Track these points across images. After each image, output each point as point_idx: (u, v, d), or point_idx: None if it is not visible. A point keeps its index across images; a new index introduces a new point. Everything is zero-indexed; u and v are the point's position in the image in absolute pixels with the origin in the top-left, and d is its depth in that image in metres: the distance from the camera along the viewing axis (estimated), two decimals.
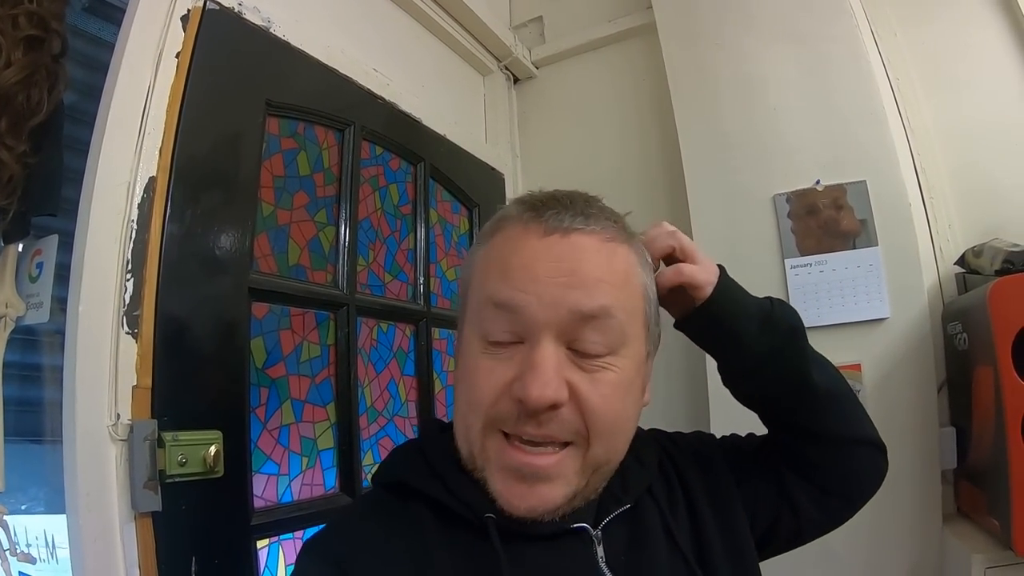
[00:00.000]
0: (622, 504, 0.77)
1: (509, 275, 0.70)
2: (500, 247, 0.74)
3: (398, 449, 0.86)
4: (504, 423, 0.69)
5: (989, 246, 1.59)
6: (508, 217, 0.76)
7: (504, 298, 0.69)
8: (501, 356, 0.70)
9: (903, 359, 1.66)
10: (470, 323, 0.74)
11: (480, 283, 0.74)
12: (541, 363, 0.67)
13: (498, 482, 0.70)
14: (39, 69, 1.00)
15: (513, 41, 2.30)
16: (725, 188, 1.89)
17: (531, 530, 0.71)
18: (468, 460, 0.73)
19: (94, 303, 1.00)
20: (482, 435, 0.70)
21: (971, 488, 1.54)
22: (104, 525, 0.96)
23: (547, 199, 0.75)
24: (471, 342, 0.73)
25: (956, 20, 1.88)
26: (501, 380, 0.69)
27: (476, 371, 0.71)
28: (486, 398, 0.69)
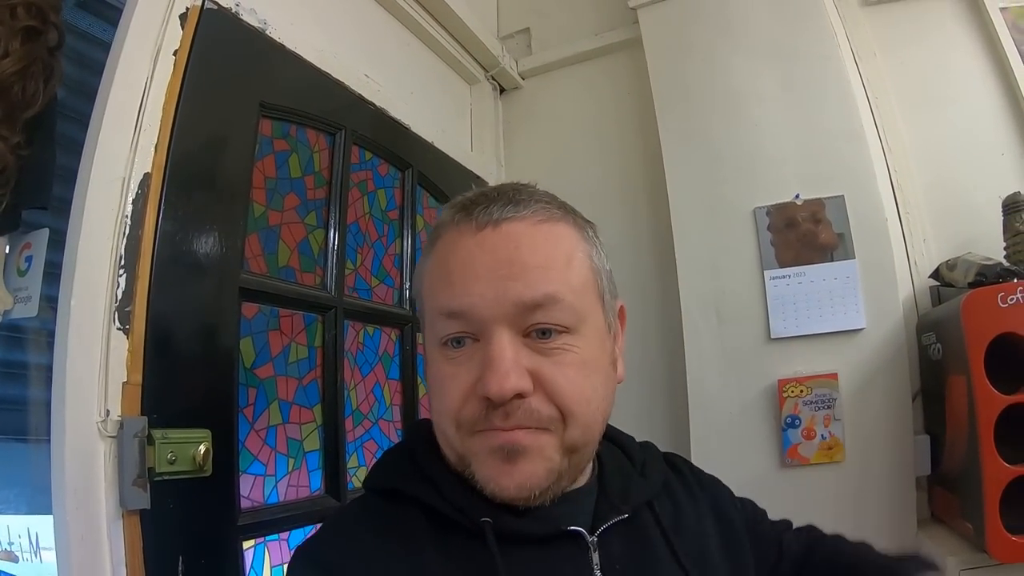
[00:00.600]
0: (620, 512, 0.76)
1: (451, 281, 0.70)
2: (439, 254, 0.74)
3: (388, 453, 0.85)
4: (475, 424, 0.69)
5: (963, 259, 1.64)
6: (444, 224, 0.76)
7: (453, 307, 0.69)
8: (460, 360, 0.70)
9: (879, 369, 1.71)
10: (428, 334, 0.75)
11: (429, 295, 0.74)
12: (497, 356, 0.66)
13: (485, 468, 0.69)
14: (36, 61, 0.99)
15: (500, 51, 2.33)
16: (707, 200, 1.93)
17: (527, 531, 0.70)
18: (457, 462, 0.72)
19: (86, 298, 0.99)
20: (459, 438, 0.70)
21: (945, 493, 1.58)
22: (91, 522, 0.95)
23: (476, 196, 0.75)
24: (432, 352, 0.74)
25: (934, 42, 1.95)
26: (464, 384, 0.69)
27: (441, 379, 0.71)
28: (454, 403, 0.69)
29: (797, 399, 1.73)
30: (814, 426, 1.72)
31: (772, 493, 1.70)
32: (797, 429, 1.73)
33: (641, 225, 2.12)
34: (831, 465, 1.70)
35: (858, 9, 2.01)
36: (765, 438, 1.77)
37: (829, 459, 1.70)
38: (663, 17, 2.09)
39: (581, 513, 0.74)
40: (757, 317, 1.83)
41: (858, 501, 1.67)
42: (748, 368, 1.82)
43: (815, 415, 1.72)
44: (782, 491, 1.73)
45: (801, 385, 1.74)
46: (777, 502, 1.67)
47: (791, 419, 1.73)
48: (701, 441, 1.81)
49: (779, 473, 1.75)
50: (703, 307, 1.88)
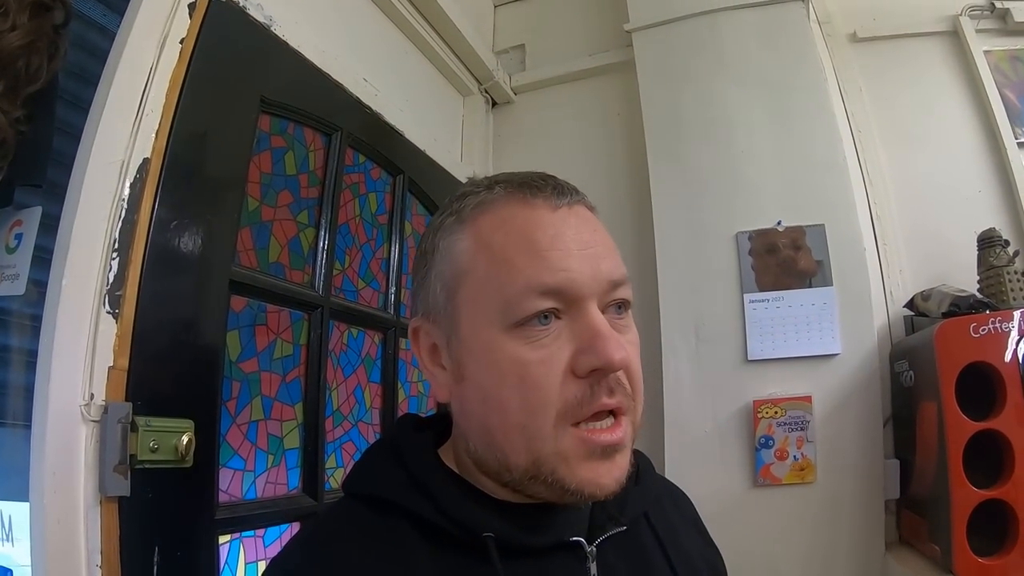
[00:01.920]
0: (618, 524, 0.72)
1: (542, 256, 0.64)
2: (509, 228, 0.67)
3: (371, 453, 0.77)
4: (580, 407, 0.63)
5: (937, 291, 1.69)
6: (495, 199, 0.69)
7: (550, 282, 0.63)
8: (546, 341, 0.63)
9: (852, 393, 1.75)
10: (488, 318, 0.65)
11: (499, 273, 0.65)
12: (603, 327, 0.64)
13: (583, 471, 0.63)
14: (42, 37, 0.98)
15: (495, 65, 2.36)
16: (691, 223, 1.97)
17: (530, 543, 0.66)
18: (527, 467, 0.64)
19: (77, 279, 0.98)
20: (555, 435, 0.63)
21: (913, 517, 1.61)
22: (69, 506, 0.93)
23: (526, 177, 0.71)
24: (495, 339, 0.64)
25: (918, 80, 2.03)
26: (560, 364, 0.63)
27: (524, 366, 0.63)
28: (552, 389, 0.62)
29: (771, 420, 1.76)
30: (787, 447, 1.74)
31: (744, 512, 1.75)
32: (770, 450, 1.75)
33: (625, 245, 2.13)
34: (802, 486, 1.73)
35: (847, 45, 2.08)
36: (739, 457, 1.80)
37: (801, 480, 1.73)
38: (657, 42, 2.14)
39: (579, 520, 0.71)
40: (735, 339, 1.86)
41: (828, 522, 1.70)
42: (724, 388, 1.85)
43: (788, 436, 1.75)
44: (754, 510, 1.76)
45: (776, 407, 1.77)
46: (749, 521, 1.73)
47: (765, 439, 1.76)
48: (675, 458, 1.83)
49: (751, 492, 1.77)
50: (682, 327, 1.90)
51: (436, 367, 0.72)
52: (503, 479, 0.67)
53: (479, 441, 0.68)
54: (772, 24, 2.00)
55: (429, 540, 0.66)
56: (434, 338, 0.72)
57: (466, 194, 0.72)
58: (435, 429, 0.77)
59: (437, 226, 0.73)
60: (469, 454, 0.70)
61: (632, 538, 0.74)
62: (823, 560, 1.69)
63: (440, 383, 0.72)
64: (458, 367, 0.68)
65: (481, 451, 0.68)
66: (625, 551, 0.73)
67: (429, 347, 0.73)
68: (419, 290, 0.74)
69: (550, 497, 0.66)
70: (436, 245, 0.72)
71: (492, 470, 0.68)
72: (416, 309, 0.75)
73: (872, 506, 1.69)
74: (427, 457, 0.72)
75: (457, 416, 0.71)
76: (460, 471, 0.72)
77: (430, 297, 0.71)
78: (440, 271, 0.70)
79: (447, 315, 0.69)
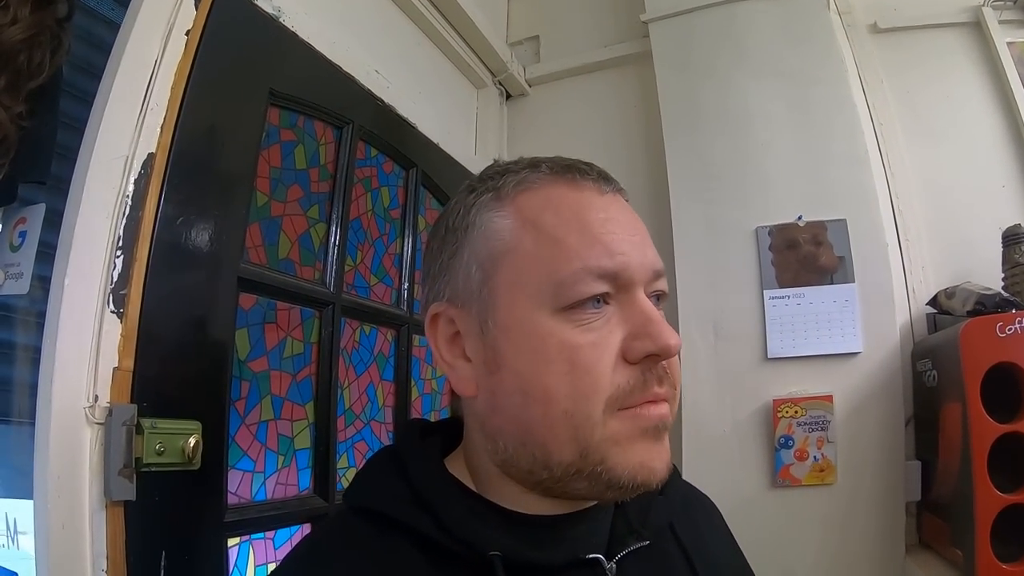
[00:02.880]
0: (640, 538, 0.68)
1: (597, 238, 0.62)
2: (559, 208, 0.64)
3: (373, 463, 0.74)
4: (631, 394, 0.60)
5: (962, 288, 1.65)
6: (539, 179, 0.66)
7: (607, 265, 0.61)
8: (597, 325, 0.61)
9: (873, 393, 1.72)
10: (527, 302, 0.62)
11: (550, 251, 0.62)
12: (655, 312, 0.62)
13: (636, 454, 0.60)
14: (44, 30, 0.96)
15: (509, 57, 2.33)
16: (709, 218, 1.94)
17: (543, 561, 0.62)
18: (573, 461, 0.60)
19: (81, 278, 0.96)
20: (604, 420, 0.59)
21: (934, 520, 1.58)
22: (73, 511, 0.91)
23: (569, 160, 0.68)
24: (543, 323, 0.61)
25: (941, 72, 1.98)
26: (612, 349, 0.60)
27: (576, 350, 0.60)
28: (604, 374, 0.59)
29: (791, 420, 1.73)
30: (807, 447, 1.71)
31: (762, 513, 1.72)
32: (790, 450, 1.73)
33: None
34: (822, 487, 1.71)
35: (868, 36, 2.03)
36: (758, 458, 1.77)
37: (820, 481, 1.70)
38: (674, 33, 2.10)
39: (597, 534, 0.68)
40: (755, 336, 1.84)
41: (847, 524, 1.68)
42: (743, 387, 1.82)
43: (808, 436, 1.72)
44: (772, 511, 1.73)
45: (796, 406, 1.73)
46: (767, 522, 1.70)
47: (784, 439, 1.73)
48: (693, 458, 1.81)
49: (770, 493, 1.75)
50: (701, 324, 1.87)
51: (458, 358, 0.67)
52: (537, 479, 0.63)
53: (513, 438, 0.63)
54: (791, 14, 1.96)
55: (430, 559, 0.62)
56: (459, 325, 0.67)
57: (503, 172, 0.68)
58: (443, 435, 0.74)
59: (471, 203, 0.67)
60: (494, 456, 0.65)
61: (656, 552, 0.70)
62: (842, 563, 1.66)
63: (464, 376, 0.66)
64: (493, 355, 0.63)
65: (514, 450, 0.63)
66: (648, 567, 0.69)
67: (449, 336, 0.68)
68: (442, 272, 0.68)
69: (590, 494, 0.63)
70: (471, 222, 0.66)
71: (524, 471, 0.63)
72: (437, 293, 0.69)
73: (893, 508, 1.66)
74: (431, 467, 0.68)
75: (485, 413, 0.66)
76: (473, 480, 0.69)
77: (459, 279, 0.66)
78: (476, 249, 0.65)
79: (481, 298, 0.64)
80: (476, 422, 0.68)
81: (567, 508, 0.66)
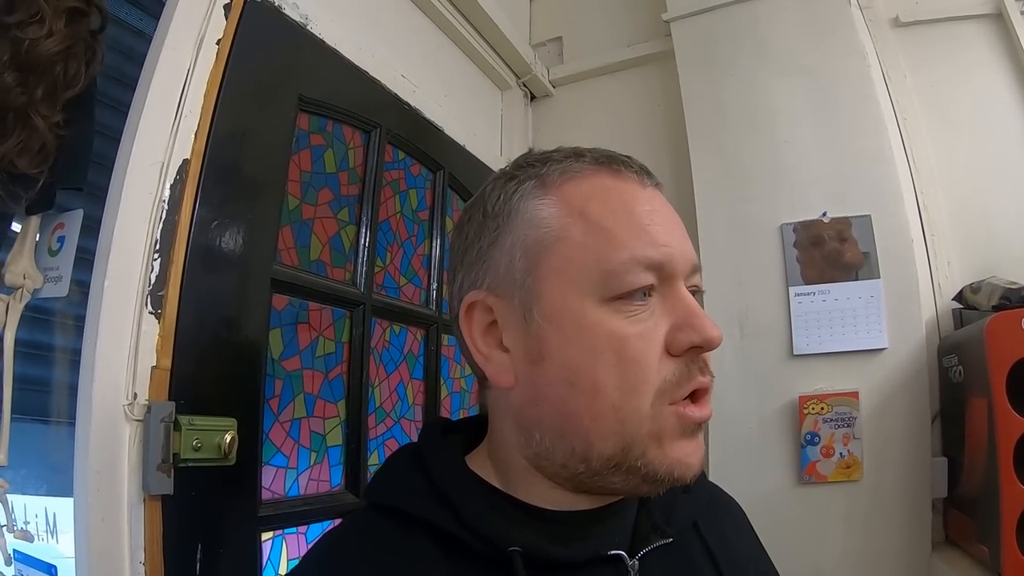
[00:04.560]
0: (664, 535, 0.67)
1: (644, 229, 0.62)
2: (606, 198, 0.64)
3: (393, 461, 0.73)
4: (675, 387, 0.60)
5: (987, 283, 1.64)
6: (583, 169, 0.65)
7: (654, 256, 0.61)
8: (643, 317, 0.61)
9: (899, 389, 1.71)
10: (574, 290, 0.61)
11: (600, 241, 0.62)
12: (696, 305, 0.62)
13: (675, 449, 0.60)
14: (79, 42, 0.99)
15: (533, 59, 2.34)
16: (734, 215, 1.94)
17: (563, 558, 0.62)
18: (607, 458, 0.60)
19: (119, 280, 1.00)
20: (652, 414, 0.59)
21: (961, 517, 1.57)
22: (113, 504, 0.94)
23: (610, 152, 0.68)
24: (589, 312, 0.61)
25: (964, 66, 1.95)
26: (658, 341, 0.60)
27: (624, 340, 0.59)
28: (652, 366, 0.60)
29: (817, 416, 1.73)
30: (833, 444, 1.71)
31: (789, 510, 1.72)
32: (816, 446, 1.72)
33: None
34: (849, 484, 1.70)
35: (889, 30, 2.01)
36: (783, 454, 1.77)
37: (847, 477, 1.69)
38: (696, 31, 2.10)
39: (620, 531, 0.67)
40: (780, 333, 1.83)
41: (874, 520, 1.67)
42: (769, 384, 1.82)
43: (834, 433, 1.71)
44: (799, 508, 1.73)
45: (822, 403, 1.73)
46: (793, 519, 1.70)
47: (810, 436, 1.73)
48: (719, 455, 1.81)
49: (796, 490, 1.74)
50: (726, 321, 1.87)
51: (494, 348, 0.66)
52: (572, 473, 0.62)
53: (552, 430, 0.62)
54: (813, 10, 1.95)
55: (449, 555, 0.62)
56: (497, 314, 0.65)
57: (544, 160, 0.68)
58: (466, 433, 0.74)
59: (511, 190, 0.66)
60: (526, 450, 0.65)
61: (679, 550, 0.69)
62: (868, 560, 1.65)
63: (501, 367, 0.65)
64: (536, 345, 0.62)
65: (551, 442, 0.62)
66: (671, 565, 0.68)
67: (485, 326, 0.66)
68: (480, 259, 0.67)
69: (624, 489, 0.63)
70: (514, 208, 0.65)
71: (558, 464, 0.63)
72: (473, 281, 0.67)
73: (919, 505, 1.65)
74: (452, 464, 0.68)
75: (522, 404, 0.64)
76: (498, 475, 0.68)
77: (500, 267, 0.65)
78: (519, 236, 0.64)
79: (525, 286, 0.63)
80: (509, 414, 0.67)
81: (592, 504, 0.66)
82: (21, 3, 0.93)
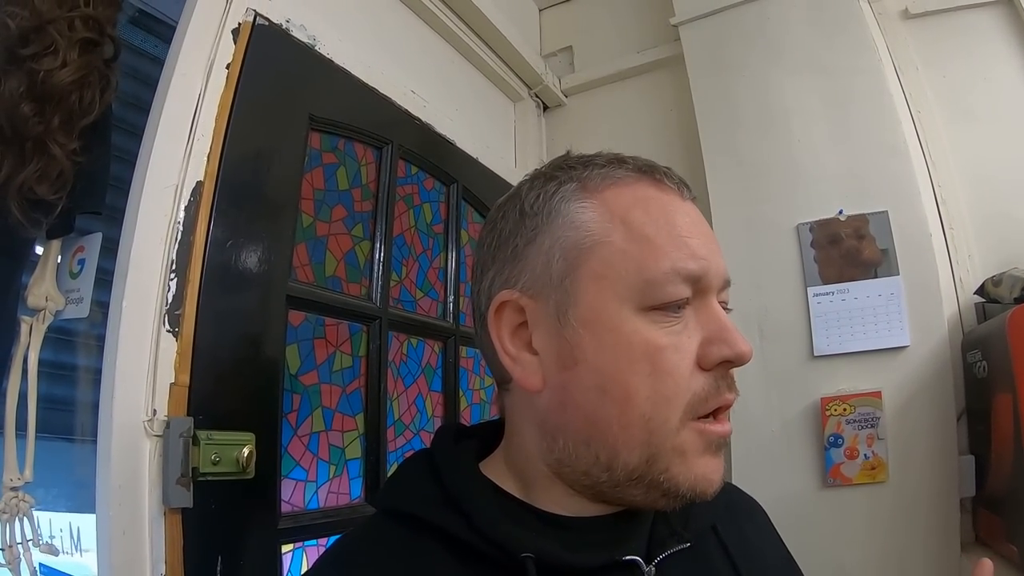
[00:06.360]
0: (681, 540, 0.67)
1: (683, 241, 0.62)
2: (649, 207, 0.63)
3: (406, 466, 0.73)
4: (706, 400, 0.61)
5: (1008, 275, 1.62)
6: (625, 177, 0.65)
7: (693, 268, 0.61)
8: (677, 329, 0.61)
9: (923, 387, 1.68)
10: (613, 296, 0.61)
11: (641, 249, 0.61)
12: (727, 319, 0.63)
13: (698, 466, 0.61)
14: (93, 71, 1.03)
15: (544, 69, 2.35)
16: (750, 217, 1.93)
17: (578, 564, 0.61)
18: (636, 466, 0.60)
19: (138, 300, 1.03)
20: (678, 429, 0.60)
21: (989, 516, 1.54)
22: (134, 518, 0.97)
23: (650, 162, 0.68)
24: (627, 320, 0.61)
25: (976, 55, 1.92)
26: (690, 354, 0.61)
27: (660, 351, 0.60)
28: (683, 379, 0.60)
29: (840, 418, 1.71)
30: (857, 445, 1.69)
31: (814, 514, 1.70)
32: (840, 448, 1.70)
33: None
34: (874, 485, 1.67)
35: (899, 22, 1.99)
36: (807, 457, 1.75)
37: (872, 479, 1.67)
38: (704, 34, 2.10)
39: (636, 536, 0.66)
40: (800, 334, 1.81)
41: (901, 522, 1.64)
42: (790, 386, 1.80)
43: (858, 434, 1.69)
44: (824, 512, 1.70)
45: (844, 403, 1.71)
46: (819, 523, 1.68)
47: (834, 438, 1.71)
48: (742, 460, 1.79)
49: (821, 493, 1.72)
50: (745, 324, 1.85)
51: (523, 350, 0.65)
52: (593, 481, 0.62)
53: (577, 436, 0.62)
54: (821, 7, 1.94)
55: (461, 561, 0.62)
56: (528, 315, 0.65)
57: (586, 164, 0.67)
58: (480, 438, 0.74)
59: (551, 190, 0.66)
60: (547, 455, 0.65)
61: (697, 555, 0.68)
62: (896, 563, 1.62)
63: (529, 369, 0.64)
64: (569, 349, 0.62)
65: (574, 448, 0.62)
66: (690, 570, 0.67)
67: (514, 326, 0.66)
68: (515, 258, 0.66)
69: (643, 502, 0.63)
70: (555, 209, 0.65)
71: (580, 471, 0.63)
72: (506, 280, 0.66)
73: (947, 505, 1.61)
74: (465, 469, 0.67)
75: (548, 409, 0.64)
76: (514, 480, 0.68)
77: (537, 267, 0.64)
78: (559, 238, 0.64)
79: (562, 289, 0.63)
80: (533, 418, 0.66)
81: (608, 511, 0.66)
82: (36, 36, 0.98)
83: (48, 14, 0.97)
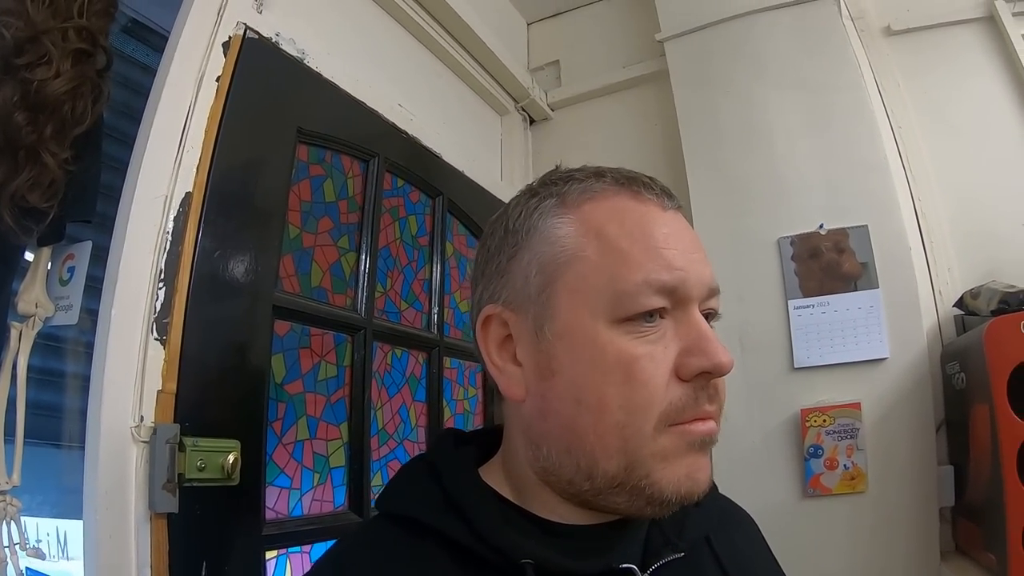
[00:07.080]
0: (675, 550, 0.67)
1: (658, 252, 0.62)
2: (624, 219, 0.64)
3: (406, 470, 0.74)
4: (683, 411, 0.60)
5: (986, 288, 1.64)
6: (604, 190, 0.66)
7: (666, 280, 0.61)
8: (653, 338, 0.61)
9: (902, 398, 1.71)
10: (586, 309, 0.62)
11: (614, 262, 0.62)
12: (709, 330, 0.62)
13: (680, 467, 0.60)
14: (85, 81, 1.04)
15: (530, 83, 2.38)
16: (732, 231, 1.95)
17: (576, 570, 0.62)
18: (616, 473, 0.60)
19: (126, 308, 1.04)
20: (654, 436, 0.60)
21: (968, 525, 1.56)
22: (120, 523, 0.98)
23: (633, 173, 0.68)
24: (600, 332, 0.61)
25: (957, 71, 1.96)
26: (666, 364, 0.60)
27: (632, 361, 0.60)
28: (658, 389, 0.60)
29: (820, 429, 1.73)
30: (837, 456, 1.71)
31: (794, 523, 1.72)
32: (820, 459, 1.72)
33: None
34: (854, 495, 1.69)
35: (881, 39, 2.03)
36: (787, 468, 1.77)
37: (851, 489, 1.69)
38: (689, 50, 2.14)
39: (632, 544, 0.67)
40: (781, 347, 1.84)
41: (881, 532, 1.66)
42: (771, 398, 1.82)
43: (838, 445, 1.71)
44: (804, 521, 1.72)
45: (824, 415, 1.73)
46: (799, 532, 1.70)
47: (814, 449, 1.73)
48: (723, 470, 1.79)
49: (801, 503, 1.74)
50: (726, 336, 1.85)
51: (508, 362, 0.67)
52: (577, 489, 0.63)
53: (558, 445, 0.63)
54: (804, 24, 1.97)
55: (461, 566, 0.62)
56: (512, 329, 0.67)
57: (567, 179, 0.68)
58: (478, 445, 0.74)
59: (532, 207, 0.67)
60: (535, 463, 0.66)
61: (691, 565, 0.68)
62: (877, 572, 1.64)
63: (514, 380, 0.66)
64: (547, 361, 0.63)
65: (557, 457, 0.63)
66: None
67: (501, 339, 0.68)
68: (499, 274, 0.68)
69: (628, 509, 0.63)
70: (533, 225, 0.66)
71: (564, 480, 0.63)
72: (492, 295, 0.68)
73: (926, 514, 1.64)
74: (466, 474, 0.68)
75: (531, 418, 0.65)
76: (510, 488, 0.69)
77: (517, 282, 0.66)
78: (537, 253, 0.65)
79: (539, 303, 0.64)
80: (521, 427, 0.68)
81: (603, 519, 0.66)
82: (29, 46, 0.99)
83: (42, 25, 0.98)
